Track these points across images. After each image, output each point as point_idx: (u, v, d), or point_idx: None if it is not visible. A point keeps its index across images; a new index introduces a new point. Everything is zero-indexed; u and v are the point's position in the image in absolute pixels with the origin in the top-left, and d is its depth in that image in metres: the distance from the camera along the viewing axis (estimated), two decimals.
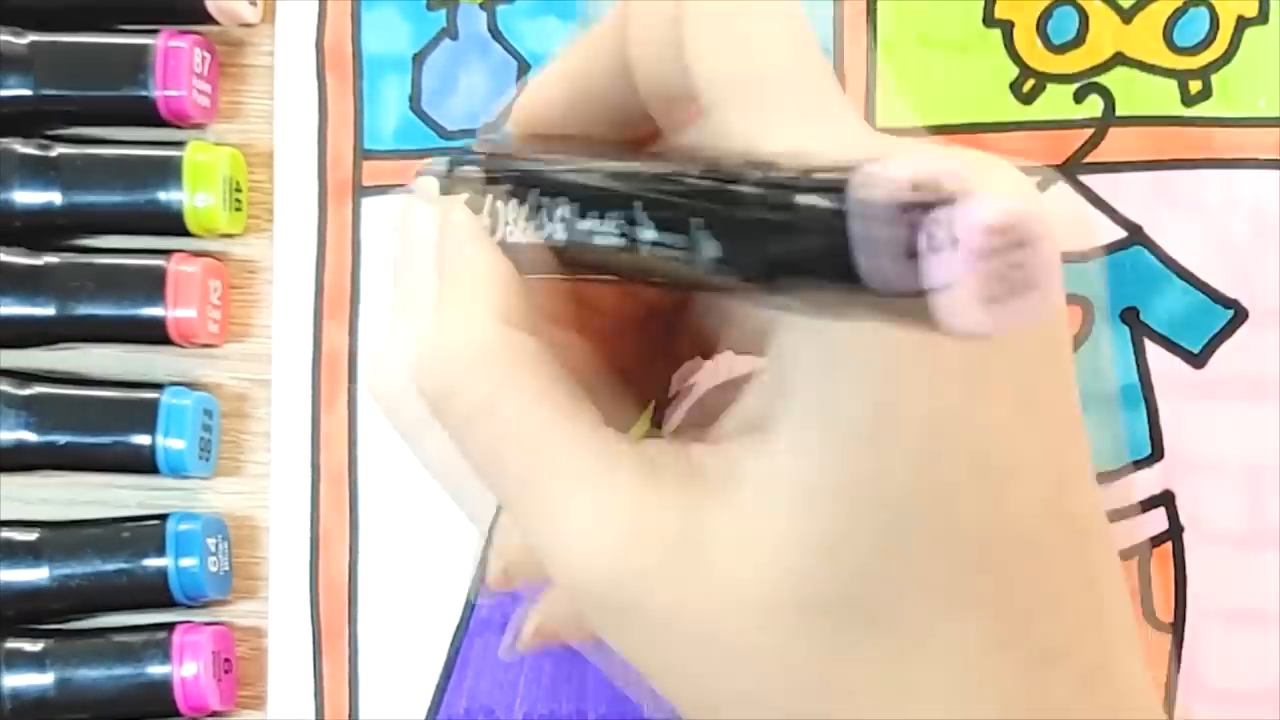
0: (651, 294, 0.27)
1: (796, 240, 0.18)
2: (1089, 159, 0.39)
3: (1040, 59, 0.39)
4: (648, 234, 0.22)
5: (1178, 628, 0.38)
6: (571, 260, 0.24)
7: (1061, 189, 0.23)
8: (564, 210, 0.24)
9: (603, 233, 0.23)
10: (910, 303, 0.17)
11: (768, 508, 0.21)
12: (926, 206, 0.17)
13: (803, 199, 0.18)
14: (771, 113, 0.22)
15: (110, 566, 0.39)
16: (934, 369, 0.21)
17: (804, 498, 0.21)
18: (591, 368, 0.26)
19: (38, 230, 0.40)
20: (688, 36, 0.23)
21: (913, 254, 0.17)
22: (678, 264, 0.21)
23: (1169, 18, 0.39)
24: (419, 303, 0.26)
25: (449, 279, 0.25)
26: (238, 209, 0.40)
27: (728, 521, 0.22)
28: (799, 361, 0.22)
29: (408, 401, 0.25)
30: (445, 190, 0.27)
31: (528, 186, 0.25)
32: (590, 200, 0.23)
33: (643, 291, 0.27)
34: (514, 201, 0.25)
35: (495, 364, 0.24)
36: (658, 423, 0.27)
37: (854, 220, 0.17)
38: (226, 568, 0.40)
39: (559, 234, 0.24)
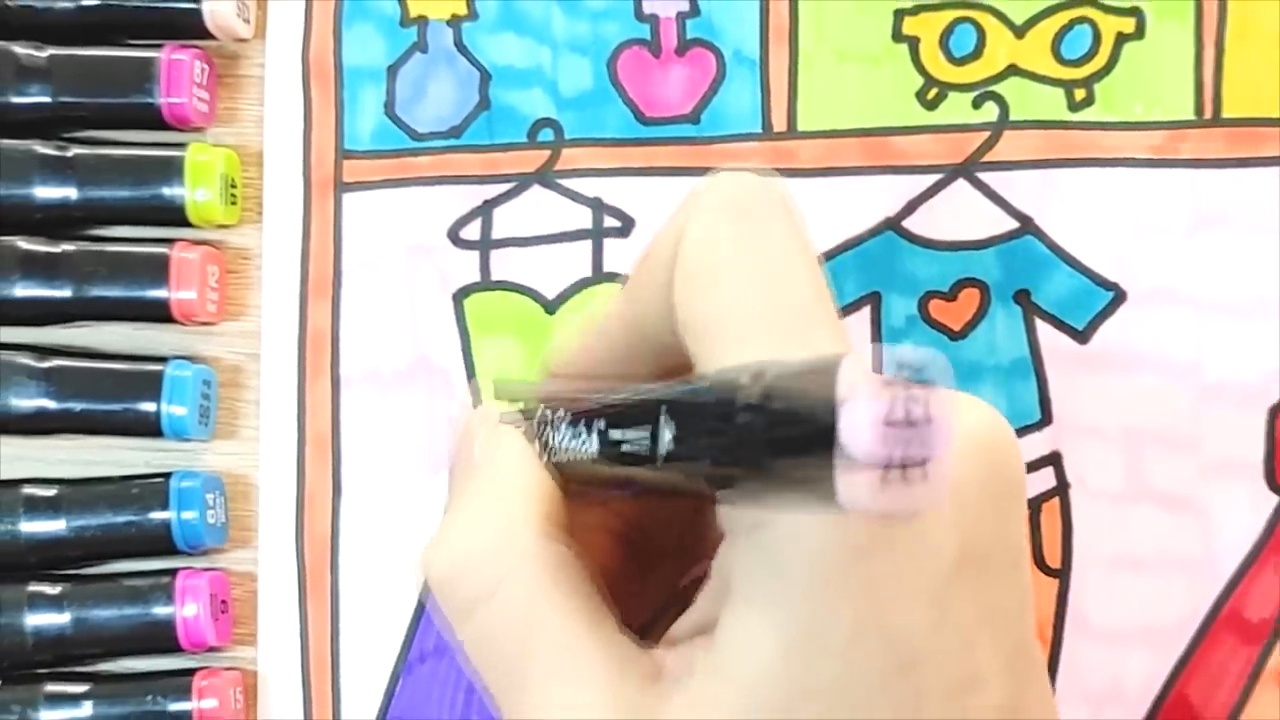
0: (669, 509, 0.27)
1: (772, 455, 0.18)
2: (986, 158, 0.40)
3: (942, 70, 0.40)
4: (630, 435, 0.22)
5: (1064, 573, 0.39)
6: (601, 479, 0.24)
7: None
8: (593, 425, 0.24)
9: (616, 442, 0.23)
10: (822, 489, 0.17)
11: (712, 706, 0.21)
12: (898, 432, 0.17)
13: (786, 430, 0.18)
14: (734, 353, 0.22)
15: (120, 519, 0.39)
16: (857, 579, 0.21)
17: (742, 696, 0.21)
18: (605, 575, 0.25)
19: (56, 222, 0.40)
20: (675, 280, 0.23)
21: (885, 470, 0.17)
22: (646, 458, 0.21)
23: (1057, 33, 0.40)
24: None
25: (478, 479, 0.25)
26: (233, 203, 0.41)
27: (679, 718, 0.22)
28: (740, 569, 0.22)
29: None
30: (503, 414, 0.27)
31: (565, 409, 0.25)
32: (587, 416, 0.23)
33: (661, 507, 0.27)
34: (557, 417, 0.25)
35: (499, 556, 0.23)
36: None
37: (840, 456, 0.17)
38: (223, 520, 0.40)
39: (592, 447, 0.23)
